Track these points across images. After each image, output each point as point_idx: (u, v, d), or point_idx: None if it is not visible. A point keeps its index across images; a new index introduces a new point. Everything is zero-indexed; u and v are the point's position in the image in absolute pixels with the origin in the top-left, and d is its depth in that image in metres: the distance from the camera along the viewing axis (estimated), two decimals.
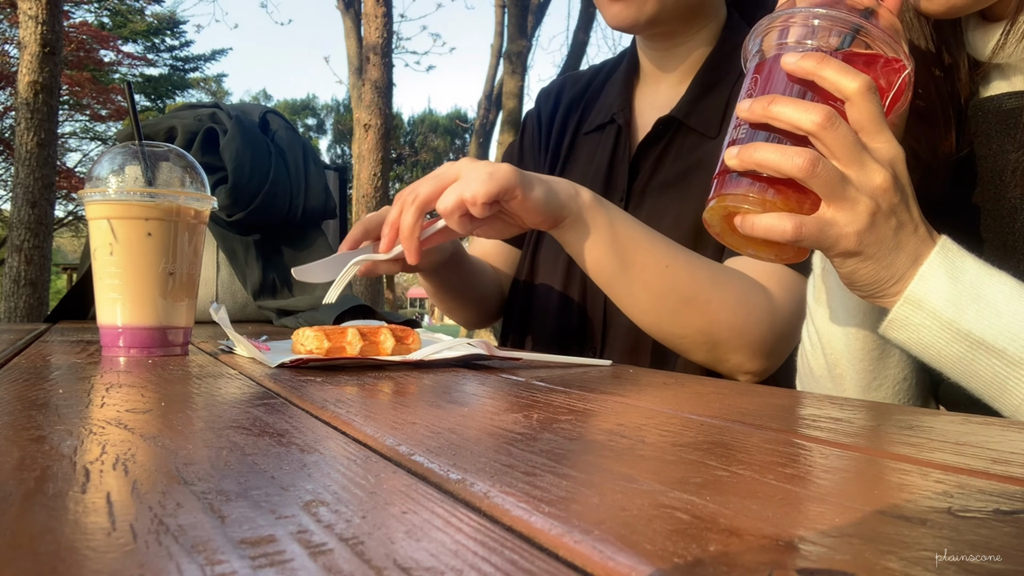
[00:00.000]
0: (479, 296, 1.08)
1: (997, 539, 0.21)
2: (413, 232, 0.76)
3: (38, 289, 4.37)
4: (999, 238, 0.63)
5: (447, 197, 0.73)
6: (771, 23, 0.58)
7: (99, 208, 0.69)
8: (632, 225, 0.80)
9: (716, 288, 0.80)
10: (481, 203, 0.70)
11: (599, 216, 0.78)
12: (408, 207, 0.76)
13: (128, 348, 0.70)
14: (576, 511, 0.23)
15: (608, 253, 0.78)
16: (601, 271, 0.80)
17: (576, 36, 8.61)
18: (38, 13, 4.32)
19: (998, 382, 0.54)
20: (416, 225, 0.76)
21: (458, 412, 0.41)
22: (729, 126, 0.59)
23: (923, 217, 0.57)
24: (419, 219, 0.76)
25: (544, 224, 0.77)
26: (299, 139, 1.59)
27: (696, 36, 1.00)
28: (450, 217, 0.74)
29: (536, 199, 0.74)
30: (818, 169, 0.52)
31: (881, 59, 0.56)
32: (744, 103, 0.56)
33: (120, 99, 10.75)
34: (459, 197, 0.72)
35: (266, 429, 0.35)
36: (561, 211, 0.76)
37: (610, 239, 0.78)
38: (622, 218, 0.80)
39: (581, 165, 1.07)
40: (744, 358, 0.82)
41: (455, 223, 0.74)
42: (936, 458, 0.32)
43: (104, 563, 0.18)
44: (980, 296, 0.54)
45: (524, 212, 0.74)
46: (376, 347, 0.67)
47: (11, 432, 0.33)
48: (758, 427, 0.38)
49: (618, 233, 0.78)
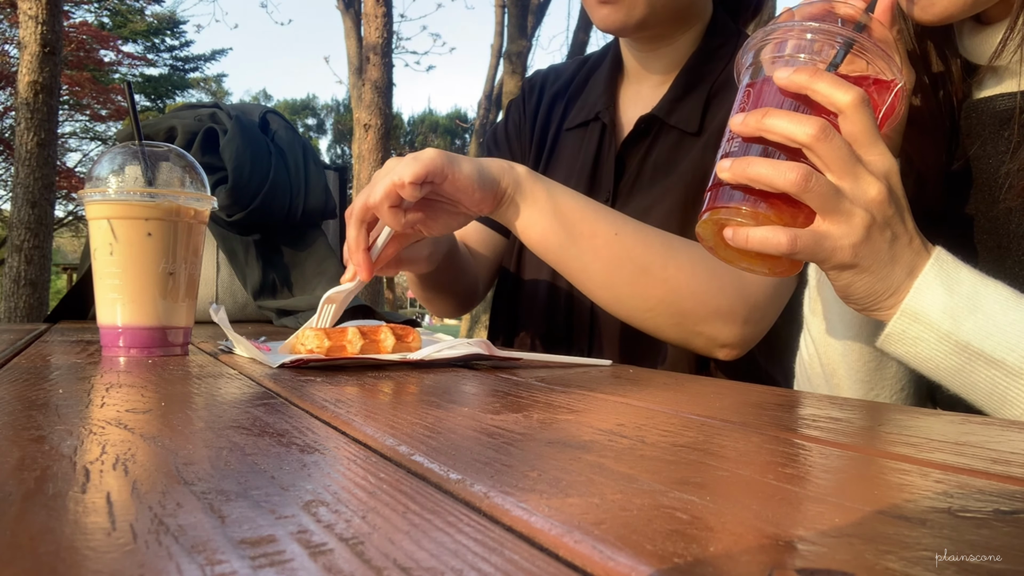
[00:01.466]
0: (462, 290, 1.08)
1: (997, 539, 0.21)
2: (358, 246, 0.74)
3: (38, 289, 4.37)
4: (993, 240, 0.63)
5: (374, 190, 0.71)
6: (765, 37, 0.58)
7: (99, 208, 0.69)
8: (574, 196, 0.79)
9: (672, 253, 0.79)
10: (408, 183, 0.68)
11: (537, 189, 0.77)
12: (348, 221, 0.74)
13: (128, 348, 0.70)
14: (576, 511, 0.23)
15: (553, 225, 0.77)
16: (548, 245, 0.78)
17: (576, 36, 8.62)
18: (38, 13, 4.32)
19: (998, 393, 0.53)
20: (359, 238, 0.74)
21: (458, 412, 0.41)
22: (722, 138, 0.59)
23: (917, 229, 0.57)
24: (360, 231, 0.73)
25: (484, 204, 0.75)
26: (299, 139, 1.59)
27: (682, 37, 1.00)
28: (380, 208, 0.71)
29: (468, 175, 0.72)
30: (811, 184, 0.52)
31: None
32: (737, 117, 0.55)
33: (120, 99, 10.75)
34: (384, 187, 0.70)
35: (266, 429, 0.35)
36: (496, 186, 0.75)
37: (552, 210, 0.77)
38: (562, 190, 0.79)
39: (566, 161, 1.07)
40: (716, 328, 0.80)
41: (387, 215, 0.72)
42: (936, 458, 0.32)
43: (104, 563, 0.18)
44: (977, 307, 0.53)
45: (459, 193, 0.73)
46: (377, 345, 0.67)
47: (11, 432, 0.33)
48: (758, 427, 0.38)
49: (560, 204, 0.77)
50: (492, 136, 1.20)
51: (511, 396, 0.48)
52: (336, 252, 1.59)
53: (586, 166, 1.03)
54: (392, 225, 0.73)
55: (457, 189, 0.72)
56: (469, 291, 1.09)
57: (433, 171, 0.70)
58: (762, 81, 0.57)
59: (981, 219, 0.64)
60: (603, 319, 0.97)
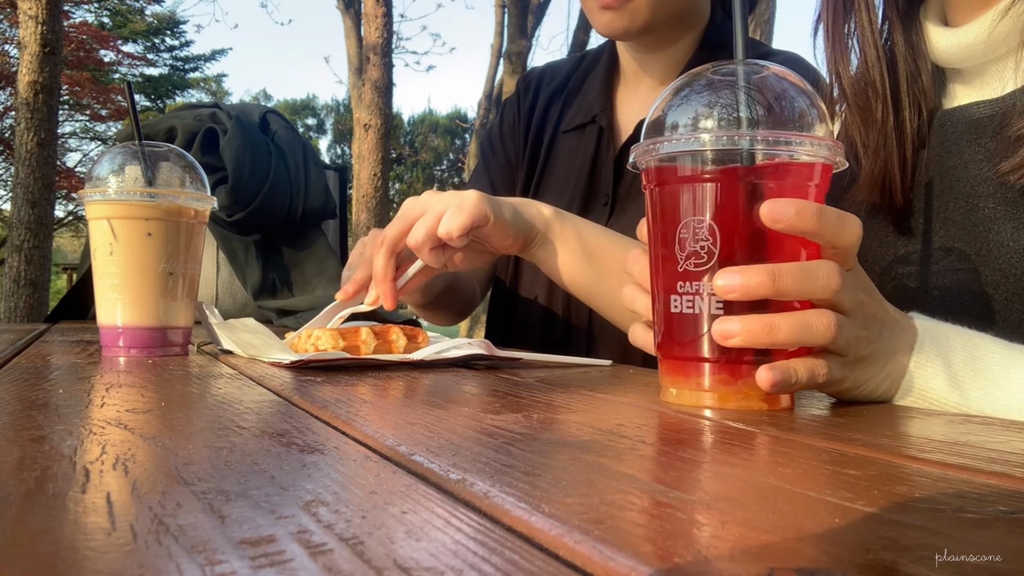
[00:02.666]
0: (460, 306, 1.09)
1: (997, 539, 0.21)
2: (386, 276, 0.74)
3: (38, 289, 4.37)
4: (973, 249, 0.62)
5: (417, 231, 0.71)
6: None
7: (99, 208, 0.69)
8: (601, 232, 0.80)
9: None
10: (457, 236, 0.70)
11: (566, 229, 0.78)
12: (378, 251, 0.74)
13: (128, 348, 0.70)
14: (576, 511, 0.23)
15: (581, 264, 0.78)
16: (578, 283, 0.80)
17: (576, 36, 8.61)
18: (38, 13, 4.32)
19: None
20: (387, 268, 0.74)
21: (458, 412, 0.41)
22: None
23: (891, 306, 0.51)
24: (390, 261, 0.74)
25: (515, 247, 0.77)
26: (299, 139, 1.59)
27: (682, 40, 1.00)
28: (421, 250, 0.72)
29: (507, 220, 0.73)
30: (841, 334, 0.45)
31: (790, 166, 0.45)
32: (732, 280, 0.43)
33: (120, 99, 10.75)
34: (428, 230, 0.70)
35: (266, 429, 0.35)
36: (530, 230, 0.76)
37: (580, 249, 0.78)
38: (589, 227, 0.79)
39: (563, 164, 1.07)
40: None
41: (427, 256, 0.73)
42: (936, 458, 0.32)
43: (104, 563, 0.18)
44: (978, 372, 0.50)
45: (496, 236, 0.74)
46: (389, 346, 0.69)
47: (11, 432, 0.33)
48: (758, 427, 0.38)
49: (588, 242, 0.78)
50: (487, 138, 1.20)
51: (511, 396, 0.48)
52: (336, 252, 1.60)
53: (584, 170, 1.02)
54: (433, 264, 0.74)
55: (496, 232, 0.74)
56: (466, 305, 1.10)
57: (478, 219, 0.71)
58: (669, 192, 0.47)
59: (958, 228, 0.63)
60: (600, 327, 0.97)
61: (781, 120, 0.46)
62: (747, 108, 0.45)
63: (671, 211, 0.46)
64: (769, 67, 0.47)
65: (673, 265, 0.46)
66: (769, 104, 0.46)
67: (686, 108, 0.47)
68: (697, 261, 0.45)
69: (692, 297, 0.45)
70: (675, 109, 0.47)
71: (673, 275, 0.46)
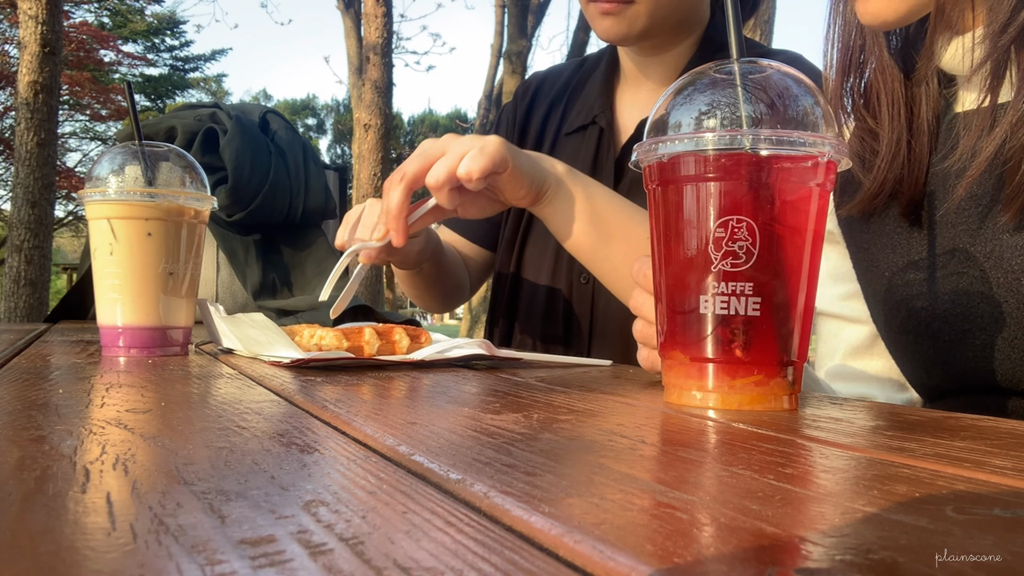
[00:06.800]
0: (450, 287, 1.09)
1: (997, 539, 0.21)
2: (401, 211, 0.74)
3: (38, 289, 4.37)
4: (983, 253, 0.61)
5: (437, 170, 0.71)
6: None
7: (99, 208, 0.69)
8: (611, 197, 0.80)
9: None
10: (477, 178, 0.70)
11: (576, 187, 0.78)
12: (396, 186, 0.74)
13: (128, 348, 0.70)
14: (576, 511, 0.23)
15: (586, 227, 0.78)
16: (581, 246, 0.79)
17: (576, 36, 8.61)
18: (38, 13, 4.32)
19: None
20: (403, 204, 0.74)
21: (458, 412, 0.41)
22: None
23: None
24: (406, 198, 0.74)
25: (527, 199, 0.76)
26: (299, 139, 1.59)
27: (682, 44, 1.00)
28: (440, 191, 0.72)
29: (523, 170, 0.74)
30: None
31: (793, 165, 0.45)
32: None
33: (120, 99, 10.75)
34: (448, 169, 0.70)
35: (266, 429, 0.35)
36: (543, 183, 0.76)
37: (587, 210, 0.78)
38: (599, 189, 0.80)
39: None
40: None
41: (444, 197, 0.73)
42: (936, 458, 0.32)
43: (104, 563, 0.18)
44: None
45: (511, 185, 0.74)
46: (392, 347, 0.69)
47: (11, 432, 0.33)
48: (758, 427, 0.38)
49: (596, 205, 0.78)
50: None
51: (511, 396, 0.48)
52: (336, 253, 1.59)
53: (585, 170, 1.02)
54: (447, 205, 0.74)
55: (510, 182, 0.74)
56: (456, 288, 1.10)
57: (498, 164, 0.71)
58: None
59: (967, 233, 0.63)
60: (601, 323, 0.97)
61: (785, 118, 0.46)
62: (751, 106, 0.45)
63: (674, 211, 0.46)
64: (772, 65, 0.47)
65: (678, 264, 0.46)
66: (772, 102, 0.46)
67: (689, 107, 0.47)
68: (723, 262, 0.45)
69: (697, 297, 0.45)
70: (678, 108, 0.47)
71: (683, 273, 0.46)
